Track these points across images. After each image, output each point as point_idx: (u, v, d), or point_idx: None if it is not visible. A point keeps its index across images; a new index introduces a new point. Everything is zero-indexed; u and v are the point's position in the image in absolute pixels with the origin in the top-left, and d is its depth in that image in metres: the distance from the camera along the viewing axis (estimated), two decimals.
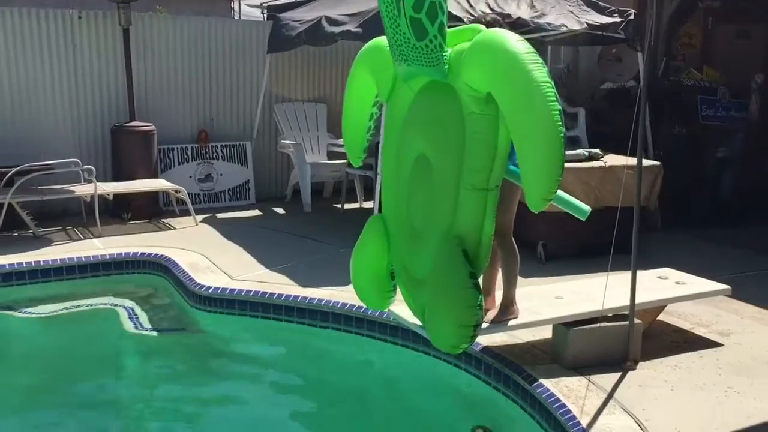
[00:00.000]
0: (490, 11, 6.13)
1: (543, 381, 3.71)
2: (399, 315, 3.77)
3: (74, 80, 7.32)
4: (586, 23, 6.72)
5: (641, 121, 3.80)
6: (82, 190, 6.72)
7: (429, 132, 3.25)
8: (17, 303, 5.36)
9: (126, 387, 4.45)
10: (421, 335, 3.72)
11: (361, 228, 3.64)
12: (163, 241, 6.39)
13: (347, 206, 7.79)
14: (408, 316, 3.64)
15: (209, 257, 5.88)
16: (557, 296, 4.17)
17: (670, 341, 4.32)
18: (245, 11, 13.70)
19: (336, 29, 6.58)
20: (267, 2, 10.04)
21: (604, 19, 6.85)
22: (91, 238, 6.42)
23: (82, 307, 5.42)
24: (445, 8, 2.95)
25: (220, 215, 7.56)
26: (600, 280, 4.05)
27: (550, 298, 4.14)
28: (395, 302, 3.72)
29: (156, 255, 5.92)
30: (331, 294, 4.91)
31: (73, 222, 6.93)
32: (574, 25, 6.66)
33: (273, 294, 5.03)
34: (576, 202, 3.51)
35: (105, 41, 7.38)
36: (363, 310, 4.58)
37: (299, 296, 4.97)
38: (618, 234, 3.82)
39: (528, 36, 6.03)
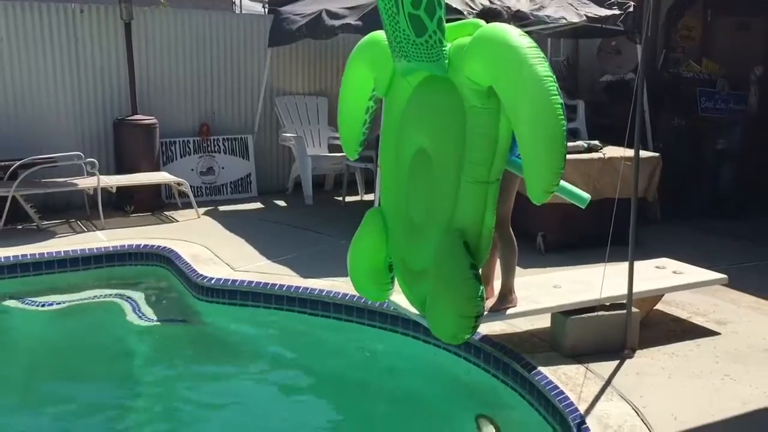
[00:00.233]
0: (491, 4, 6.16)
1: (542, 369, 3.76)
2: (399, 304, 3.81)
3: (76, 74, 7.36)
4: (586, 16, 6.74)
5: (639, 113, 3.84)
6: (86, 183, 6.77)
7: (429, 126, 3.27)
8: (21, 295, 5.41)
9: (129, 378, 4.48)
10: (421, 324, 3.76)
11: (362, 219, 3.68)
12: (165, 233, 6.44)
13: (348, 199, 7.83)
14: (408, 305, 3.68)
15: (211, 249, 5.93)
16: (555, 285, 4.21)
17: (667, 330, 4.37)
18: (246, 5, 13.72)
19: (336, 22, 6.61)
20: None
21: (603, 12, 6.87)
22: (94, 231, 6.47)
23: (86, 298, 5.46)
24: (443, 3, 2.99)
25: (222, 208, 7.61)
26: (598, 269, 4.09)
27: (549, 287, 4.18)
28: (395, 292, 3.76)
29: (159, 247, 5.97)
30: (332, 285, 4.96)
31: (76, 215, 6.98)
32: (573, 18, 6.68)
33: (275, 285, 5.07)
34: (576, 190, 3.54)
35: (107, 35, 7.42)
36: (363, 301, 4.63)
37: (300, 287, 5.02)
38: (616, 225, 3.86)
39: (527, 29, 6.07)
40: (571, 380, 3.65)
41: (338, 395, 4.32)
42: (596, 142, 6.07)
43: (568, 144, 5.48)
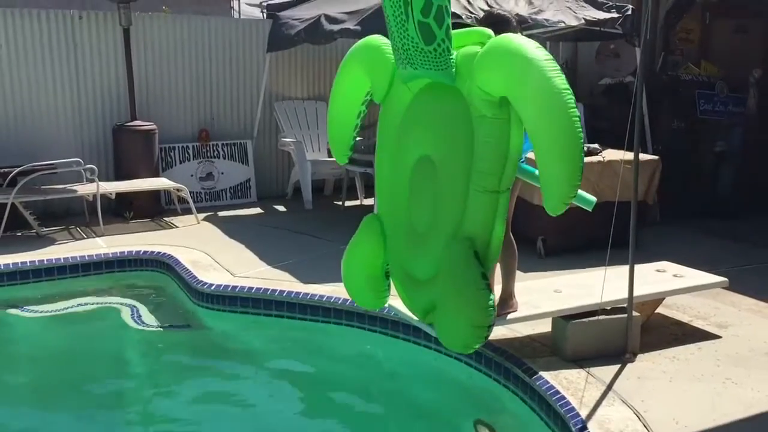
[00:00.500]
0: (488, 8, 6.16)
1: (543, 373, 3.76)
2: (399, 309, 3.79)
3: (75, 80, 7.36)
4: (584, 19, 6.75)
5: (638, 116, 3.84)
6: (85, 189, 6.76)
7: (434, 134, 3.25)
8: (21, 302, 5.41)
9: (130, 385, 4.49)
10: (422, 329, 3.75)
11: None
12: (165, 239, 6.43)
13: (348, 203, 7.83)
14: (407, 310, 3.67)
15: (211, 255, 5.92)
16: (556, 290, 4.21)
17: (668, 333, 4.37)
18: (245, 10, 13.73)
19: (335, 27, 6.62)
20: (266, 1, 10.07)
21: (602, 15, 6.88)
22: (93, 237, 6.47)
23: (86, 305, 5.46)
24: (451, 12, 2.98)
25: (222, 213, 7.61)
26: (599, 273, 4.09)
27: (549, 292, 4.18)
28: (393, 297, 3.74)
29: (158, 253, 5.96)
30: (333, 290, 4.95)
31: (75, 221, 6.98)
32: (571, 21, 6.69)
33: (275, 290, 5.07)
34: (582, 193, 3.51)
35: (106, 41, 7.41)
36: None
37: (301, 293, 5.01)
38: (616, 228, 3.86)
39: (526, 32, 6.07)
40: (573, 385, 3.65)
41: (339, 401, 4.31)
42: (596, 146, 6.07)
43: None
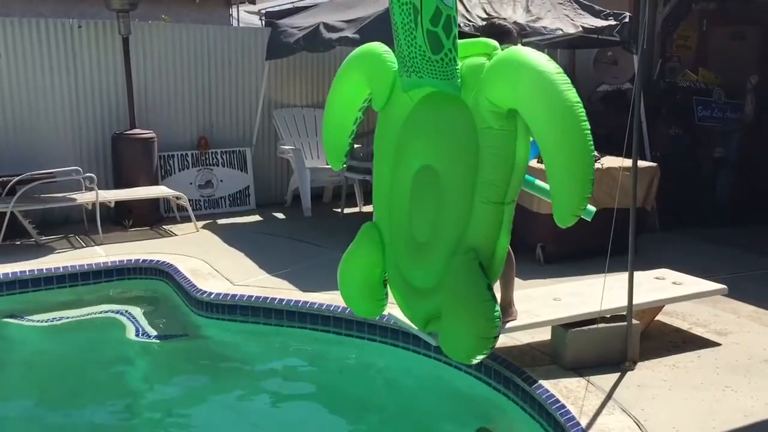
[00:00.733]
0: (486, 16, 6.18)
1: (542, 382, 3.76)
2: (399, 318, 3.78)
3: (75, 89, 7.37)
4: (582, 27, 6.77)
5: (636, 123, 3.85)
6: (84, 198, 6.76)
7: (436, 143, 3.24)
8: (20, 311, 5.40)
9: (129, 394, 4.47)
10: (421, 338, 3.75)
11: None
12: (164, 247, 6.44)
13: (347, 210, 7.84)
14: (407, 319, 3.66)
15: (210, 263, 5.92)
16: (555, 298, 4.21)
17: (668, 341, 4.37)
18: (243, 18, 13.78)
19: (334, 35, 6.63)
20: (265, 9, 10.10)
21: (600, 23, 6.90)
22: (93, 246, 6.47)
23: (85, 315, 5.45)
24: (458, 21, 2.99)
25: (221, 221, 7.61)
26: (598, 281, 4.09)
27: (549, 300, 4.18)
28: (393, 306, 3.74)
29: (158, 261, 5.96)
30: (332, 298, 4.95)
31: (74, 230, 6.98)
32: (569, 29, 6.71)
33: (274, 299, 5.07)
34: None
35: (105, 50, 7.43)
36: None
37: (300, 301, 5.01)
38: (615, 235, 3.87)
39: (524, 40, 6.08)
40: (572, 393, 3.65)
41: (338, 409, 4.30)
42: (594, 153, 6.06)
43: None
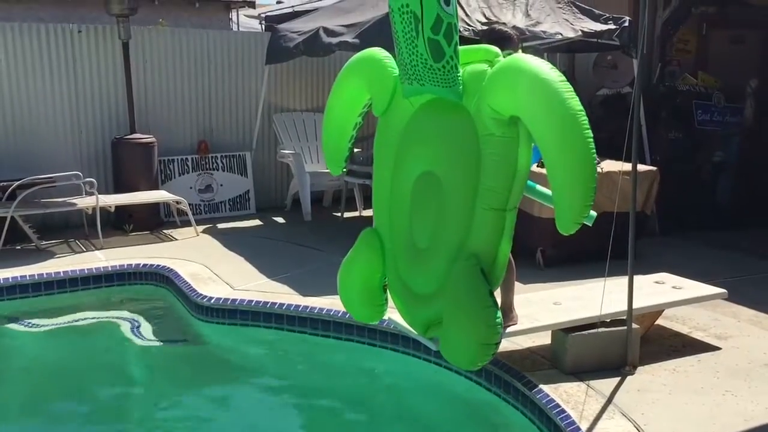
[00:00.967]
0: (486, 20, 6.19)
1: (542, 386, 3.76)
2: (399, 323, 3.78)
3: (75, 94, 7.38)
4: (581, 31, 6.77)
5: (636, 127, 3.85)
6: (84, 202, 6.77)
7: (438, 150, 3.24)
8: (21, 316, 5.40)
9: (129, 399, 4.47)
10: (421, 342, 3.75)
11: None
12: (164, 252, 6.44)
13: (347, 215, 7.84)
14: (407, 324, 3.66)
15: (210, 267, 5.93)
16: (555, 302, 4.21)
17: (668, 345, 4.37)
18: (243, 22, 13.81)
19: (333, 40, 6.64)
20: (265, 13, 10.11)
21: (599, 27, 6.90)
22: (93, 251, 6.47)
23: (86, 319, 5.45)
24: (458, 29, 2.99)
25: (221, 225, 7.61)
26: (598, 285, 4.09)
27: (549, 305, 4.18)
28: (393, 310, 3.73)
29: (158, 266, 5.97)
30: (332, 303, 4.94)
31: (75, 234, 6.98)
32: (568, 33, 6.71)
33: (274, 303, 5.07)
34: None
35: (105, 55, 7.44)
36: None
37: (300, 305, 5.01)
38: (615, 239, 3.87)
39: (524, 45, 6.09)
40: (572, 398, 3.65)
41: (338, 414, 4.30)
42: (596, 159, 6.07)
43: None
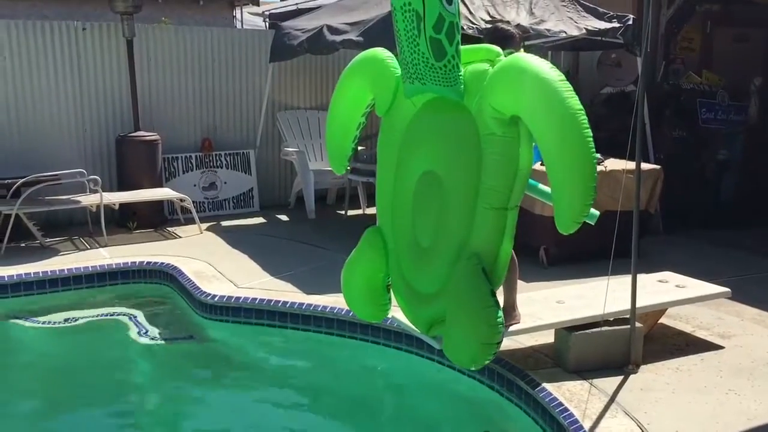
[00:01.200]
0: (490, 18, 6.19)
1: (545, 385, 3.76)
2: (402, 321, 3.79)
3: (79, 91, 7.40)
4: (585, 29, 6.77)
5: (639, 125, 3.85)
6: (88, 200, 6.78)
7: (440, 149, 3.25)
8: (25, 313, 5.42)
9: (133, 395, 4.50)
10: (424, 341, 3.76)
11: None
12: (168, 249, 6.45)
13: (350, 213, 7.84)
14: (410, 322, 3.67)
15: (214, 265, 5.94)
16: (558, 301, 4.21)
17: (671, 344, 4.37)
18: (247, 20, 13.81)
19: (337, 38, 6.64)
20: (269, 11, 10.11)
21: (603, 25, 6.90)
22: (97, 248, 6.49)
23: (90, 316, 5.47)
24: (460, 28, 3.00)
25: (225, 223, 7.62)
26: (601, 284, 4.10)
27: (552, 303, 4.19)
28: (396, 309, 3.74)
29: (162, 264, 5.98)
30: (335, 301, 4.95)
31: (79, 232, 7.00)
32: (573, 31, 6.71)
33: (278, 301, 5.08)
34: None
35: (109, 52, 7.45)
36: None
37: (304, 303, 5.02)
38: (619, 238, 3.86)
39: (527, 42, 6.09)
40: (576, 396, 3.65)
41: (342, 412, 4.31)
42: (597, 155, 6.05)
43: None
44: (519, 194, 3.10)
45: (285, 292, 5.26)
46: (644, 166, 5.81)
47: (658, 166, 6.32)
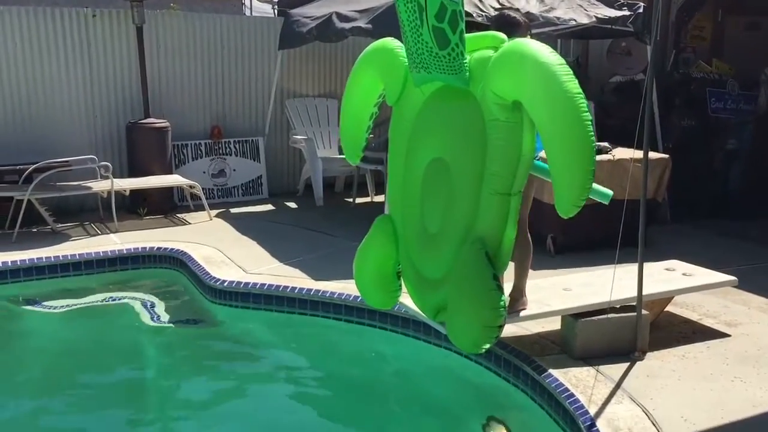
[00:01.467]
0: (499, 6, 6.18)
1: (552, 371, 3.79)
2: (410, 307, 3.82)
3: (89, 78, 7.43)
4: (595, 17, 6.75)
5: (648, 114, 3.86)
6: (99, 186, 6.84)
7: (447, 136, 3.27)
8: (37, 297, 5.49)
9: (143, 380, 4.54)
10: (432, 327, 3.79)
11: (372, 222, 3.70)
12: (178, 235, 6.50)
13: (358, 200, 7.87)
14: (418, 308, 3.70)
15: (223, 251, 5.98)
16: (566, 288, 4.23)
17: (677, 332, 4.39)
18: (256, 7, 13.78)
19: (347, 25, 6.64)
20: None
21: (613, 13, 6.88)
22: (108, 234, 6.54)
23: (100, 301, 5.52)
24: (464, 15, 3.00)
25: (234, 210, 7.67)
26: (608, 272, 4.11)
27: (559, 290, 4.21)
28: (405, 295, 3.77)
29: (172, 249, 6.03)
30: (344, 287, 4.99)
31: (90, 217, 7.06)
32: (582, 19, 6.69)
33: (287, 287, 5.12)
34: (597, 186, 3.45)
35: (119, 39, 7.48)
36: None
37: (312, 289, 5.06)
38: (626, 226, 3.88)
39: (537, 30, 6.08)
40: (582, 383, 3.68)
41: (349, 397, 4.35)
42: (606, 144, 6.07)
43: None
44: (522, 179, 3.11)
45: (293, 278, 5.31)
46: (652, 154, 5.81)
47: (666, 155, 6.32)
